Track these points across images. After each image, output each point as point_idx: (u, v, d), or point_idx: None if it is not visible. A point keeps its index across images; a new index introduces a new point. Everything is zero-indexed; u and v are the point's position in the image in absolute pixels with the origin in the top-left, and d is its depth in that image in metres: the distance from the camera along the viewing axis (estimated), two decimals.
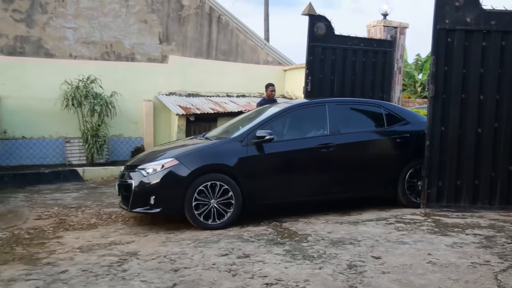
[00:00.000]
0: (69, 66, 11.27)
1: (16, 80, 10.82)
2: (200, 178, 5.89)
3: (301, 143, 6.53)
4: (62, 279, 4.27)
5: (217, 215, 5.92)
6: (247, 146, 6.16)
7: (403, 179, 6.88)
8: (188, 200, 5.82)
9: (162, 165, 5.95)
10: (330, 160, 6.54)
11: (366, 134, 6.87)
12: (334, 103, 6.99)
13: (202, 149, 6.31)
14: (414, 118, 7.22)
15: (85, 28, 11.73)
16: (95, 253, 5.06)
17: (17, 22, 11.12)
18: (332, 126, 6.64)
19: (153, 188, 5.88)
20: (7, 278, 4.30)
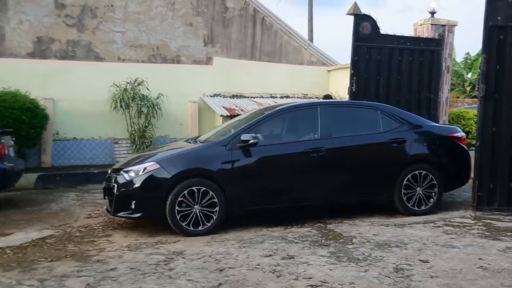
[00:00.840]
0: (117, 69, 11.57)
1: (68, 83, 11.21)
2: (183, 183, 5.73)
3: (289, 147, 6.29)
4: (111, 276, 4.40)
5: (201, 221, 5.76)
6: (232, 151, 5.96)
7: (400, 185, 6.53)
8: (170, 205, 5.68)
9: (144, 168, 5.82)
10: (320, 165, 6.26)
11: (360, 138, 6.54)
12: (327, 105, 6.77)
13: (185, 153, 6.12)
14: (413, 121, 6.87)
15: (133, 31, 12.03)
16: (143, 251, 5.17)
17: (69, 27, 11.53)
18: (323, 130, 6.38)
19: (134, 192, 5.77)
20: (60, 274, 4.47)
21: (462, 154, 6.96)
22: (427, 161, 6.70)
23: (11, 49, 11.09)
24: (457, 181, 7.03)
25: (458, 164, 6.94)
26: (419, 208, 6.61)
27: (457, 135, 6.99)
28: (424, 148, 6.75)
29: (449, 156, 6.86)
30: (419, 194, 6.61)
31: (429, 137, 6.82)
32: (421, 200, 6.62)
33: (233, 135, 6.09)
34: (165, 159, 5.94)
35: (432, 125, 7.04)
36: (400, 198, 6.55)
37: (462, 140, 6.99)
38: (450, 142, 6.91)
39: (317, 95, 13.36)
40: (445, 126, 7.40)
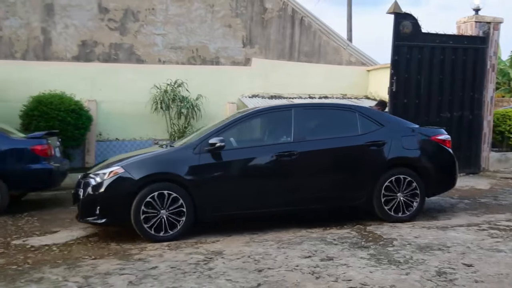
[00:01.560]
0: (158, 71, 11.78)
1: (110, 85, 11.50)
2: (148, 188, 5.58)
3: (260, 151, 6.07)
4: (152, 275, 4.48)
5: (168, 227, 5.61)
6: (200, 154, 5.79)
7: (379, 190, 6.17)
8: (135, 211, 5.54)
9: (109, 173, 5.69)
10: (292, 169, 5.99)
11: (335, 141, 6.23)
12: (302, 107, 6.52)
13: (151, 157, 5.97)
14: (393, 124, 6.52)
15: (173, 34, 12.22)
16: (183, 251, 5.25)
17: (112, 30, 11.82)
18: (297, 133, 6.11)
19: (98, 198, 5.65)
20: (103, 272, 4.59)
21: (447, 157, 6.57)
22: (408, 165, 6.33)
23: (57, 53, 11.47)
24: (442, 185, 6.66)
25: (442, 168, 6.56)
26: (400, 214, 6.22)
27: (441, 137, 6.57)
28: (405, 151, 6.34)
29: (432, 160, 6.47)
30: (400, 199, 6.22)
31: (410, 140, 6.41)
32: (402, 206, 6.22)
33: (201, 139, 5.92)
34: (130, 164, 5.79)
35: (414, 128, 6.60)
36: (379, 203, 6.18)
37: (447, 142, 6.57)
38: (433, 145, 6.53)
39: (356, 95, 13.22)
40: (428, 129, 6.86)
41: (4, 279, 4.44)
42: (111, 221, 5.76)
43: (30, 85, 10.60)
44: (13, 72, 10.80)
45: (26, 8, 11.27)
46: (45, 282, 4.35)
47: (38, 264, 4.88)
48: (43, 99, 10.13)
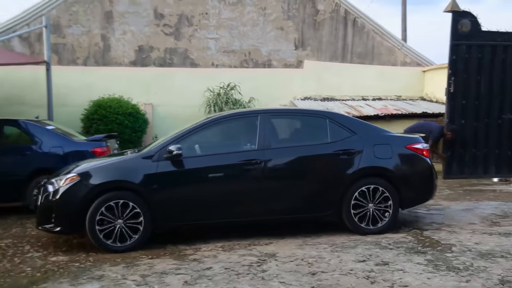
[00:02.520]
0: (211, 75, 11.98)
1: (165, 89, 11.80)
2: (103, 196, 5.37)
3: (221, 159, 5.76)
4: (207, 275, 4.55)
5: (126, 236, 5.41)
6: (158, 162, 5.55)
7: (348, 201, 5.82)
8: (90, 220, 5.32)
9: (65, 179, 5.49)
10: (256, 179, 5.73)
11: (302, 149, 5.93)
12: (269, 114, 6.11)
13: (109, 165, 5.74)
14: (366, 131, 6.13)
15: (226, 38, 12.38)
16: (236, 252, 5.30)
17: (167, 35, 12.13)
18: (261, 140, 5.81)
19: (53, 205, 5.44)
20: (160, 271, 4.70)
21: (423, 167, 6.18)
22: (380, 175, 5.97)
23: (115, 58, 11.89)
24: (418, 196, 6.23)
25: (418, 178, 6.15)
26: (372, 226, 5.86)
27: (416, 146, 6.16)
28: (377, 160, 5.95)
29: (407, 169, 6.08)
30: (371, 211, 5.86)
31: (383, 148, 6.00)
32: (374, 218, 5.87)
33: (160, 146, 5.69)
34: (87, 171, 5.59)
35: (388, 136, 6.21)
36: (349, 215, 5.84)
37: (424, 151, 6.17)
38: (408, 154, 6.11)
39: (411, 96, 12.92)
40: (404, 137, 6.47)
41: (68, 276, 4.64)
42: (66, 230, 5.58)
43: (91, 89, 11.04)
44: (75, 77, 11.29)
45: (87, 16, 11.76)
46: (106, 279, 4.51)
47: (99, 262, 5.06)
48: (102, 103, 10.53)
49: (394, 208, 5.91)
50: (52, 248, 5.59)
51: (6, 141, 8.07)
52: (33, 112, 9.52)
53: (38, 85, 10.34)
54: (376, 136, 6.13)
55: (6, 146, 7.93)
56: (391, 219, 5.91)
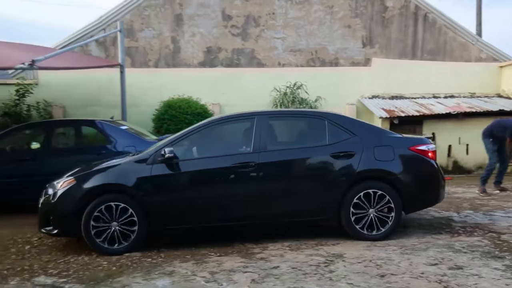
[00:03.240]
0: (277, 74, 12.02)
1: (233, 89, 11.97)
2: (98, 199, 5.44)
3: (216, 162, 5.68)
4: (274, 274, 4.58)
5: (121, 239, 5.44)
6: (152, 165, 5.56)
7: (347, 205, 5.61)
8: (85, 222, 5.39)
9: (62, 182, 5.62)
10: (250, 182, 5.62)
11: (298, 152, 5.78)
12: (267, 115, 5.99)
13: (104, 168, 5.79)
14: (366, 133, 5.88)
15: (292, 37, 12.39)
16: (303, 252, 5.29)
17: (234, 36, 12.31)
18: (257, 143, 5.70)
19: (51, 208, 5.57)
20: (228, 269, 4.79)
21: (427, 169, 5.88)
22: (381, 178, 5.73)
23: (185, 60, 12.23)
24: (423, 200, 5.94)
25: (422, 181, 5.86)
26: (372, 232, 5.63)
27: (421, 148, 5.87)
28: (377, 163, 5.72)
29: (410, 172, 5.80)
30: (372, 216, 5.63)
31: (384, 150, 5.76)
32: (374, 223, 5.63)
33: (155, 149, 5.71)
34: (83, 174, 5.69)
35: (390, 137, 5.96)
36: (348, 220, 5.63)
37: (429, 153, 5.87)
38: (411, 156, 5.84)
39: (486, 93, 12.33)
40: (408, 138, 6.15)
41: (141, 270, 4.84)
42: (63, 232, 5.66)
43: (161, 90, 11.42)
44: (146, 79, 11.71)
45: (158, 20, 12.17)
46: (176, 275, 4.66)
47: (170, 258, 5.24)
48: (172, 103, 10.85)
49: (396, 213, 5.65)
50: None
51: (84, 141, 8.52)
52: (108, 112, 9.99)
53: (112, 87, 10.83)
54: (377, 137, 5.89)
55: (84, 145, 8.37)
56: (393, 224, 5.66)
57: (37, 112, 11.02)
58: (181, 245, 5.68)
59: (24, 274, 4.85)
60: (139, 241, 5.50)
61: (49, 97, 11.30)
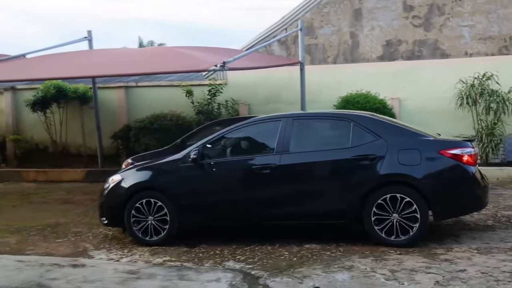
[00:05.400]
0: (463, 65, 11.17)
1: (413, 82, 11.48)
2: (137, 195, 5.96)
3: (241, 163, 5.97)
4: (460, 277, 4.32)
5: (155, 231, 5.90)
6: (184, 165, 5.95)
7: (369, 209, 5.47)
8: (127, 215, 5.93)
9: (111, 179, 6.28)
10: (272, 183, 5.79)
11: (320, 154, 5.80)
12: (292, 118, 6.05)
13: (146, 167, 6.33)
14: (392, 135, 5.69)
15: (482, 24, 11.40)
16: (494, 256, 4.90)
17: (416, 27, 11.80)
18: (280, 145, 5.84)
19: (104, 201, 6.26)
20: (409, 268, 4.67)
21: (459, 174, 5.57)
22: (405, 183, 5.51)
23: (363, 54, 12.13)
24: (454, 208, 5.67)
25: (453, 187, 5.57)
26: (394, 238, 5.41)
27: (453, 151, 5.52)
28: (401, 167, 5.53)
29: (437, 178, 5.55)
30: (396, 221, 5.41)
31: (409, 154, 5.55)
32: (398, 229, 5.40)
33: (189, 150, 6.06)
34: (127, 172, 6.36)
35: (418, 140, 5.70)
36: (369, 224, 5.51)
37: (463, 157, 5.50)
38: (441, 160, 5.55)
39: None
40: (440, 141, 5.77)
41: (320, 263, 4.98)
42: (111, 223, 6.29)
43: (339, 86, 11.48)
44: (325, 75, 11.89)
45: (338, 16, 12.26)
46: (355, 270, 4.69)
47: (348, 253, 5.29)
48: (350, 99, 10.85)
49: (422, 220, 5.40)
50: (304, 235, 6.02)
51: None
52: (289, 109, 10.39)
53: (293, 84, 11.23)
54: (404, 140, 5.69)
55: None
56: (418, 231, 5.40)
57: (226, 110, 11.98)
58: (359, 240, 5.67)
59: (216, 258, 5.36)
60: (172, 234, 5.92)
61: (236, 95, 12.20)
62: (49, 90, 12.27)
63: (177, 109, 11.53)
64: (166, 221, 5.91)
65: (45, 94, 12.34)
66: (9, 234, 6.76)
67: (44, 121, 12.66)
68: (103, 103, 12.33)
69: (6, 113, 13.47)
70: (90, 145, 12.75)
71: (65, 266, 5.06)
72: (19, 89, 13.50)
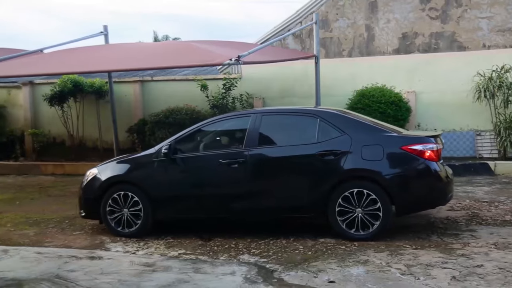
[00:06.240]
0: (481, 57, 11.03)
1: (430, 76, 11.37)
2: (112, 188, 6.17)
3: (210, 158, 6.10)
4: (478, 273, 4.28)
5: (131, 223, 6.11)
6: (157, 159, 6.11)
7: (333, 205, 5.61)
8: (103, 208, 6.18)
9: (89, 173, 6.51)
10: (239, 177, 5.92)
11: (287, 149, 5.94)
12: (261, 113, 6.19)
13: (120, 161, 6.52)
14: (357, 131, 5.79)
15: (501, 15, 11.23)
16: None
17: (432, 19, 11.66)
18: (249, 140, 5.97)
19: (81, 194, 6.49)
20: (425, 263, 4.63)
21: (421, 169, 5.63)
22: (367, 178, 5.61)
23: (379, 47, 12.03)
24: (416, 203, 5.75)
25: (414, 183, 5.67)
26: (359, 232, 5.54)
27: (414, 147, 5.60)
28: (364, 162, 5.64)
29: (400, 173, 5.64)
30: (358, 216, 5.54)
31: (371, 149, 5.64)
32: (362, 223, 5.53)
33: (161, 145, 6.22)
34: (103, 166, 6.52)
35: (381, 136, 5.77)
36: (334, 219, 5.65)
37: (424, 152, 5.56)
38: (403, 155, 5.63)
39: None
40: (402, 137, 5.85)
41: (335, 257, 4.98)
42: (88, 215, 6.47)
43: (354, 80, 11.41)
44: (340, 68, 11.83)
45: (353, 9, 12.16)
46: (370, 265, 4.68)
47: (363, 247, 5.27)
48: (365, 92, 10.78)
49: (384, 214, 5.51)
50: (321, 229, 6.01)
51: None
52: (303, 103, 10.39)
53: (307, 77, 11.20)
54: (367, 136, 5.77)
55: None
56: (380, 225, 5.52)
57: (240, 104, 11.98)
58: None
59: (231, 251, 5.39)
60: (145, 226, 6.10)
61: (251, 89, 12.19)
62: (66, 84, 12.40)
63: (192, 103, 11.56)
64: (140, 214, 6.11)
65: (62, 88, 12.47)
66: (28, 226, 6.87)
67: (61, 115, 12.82)
68: (119, 97, 12.41)
69: (25, 108, 13.66)
70: (106, 139, 12.88)
71: (82, 258, 5.12)
72: (37, 83, 13.66)
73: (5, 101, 13.91)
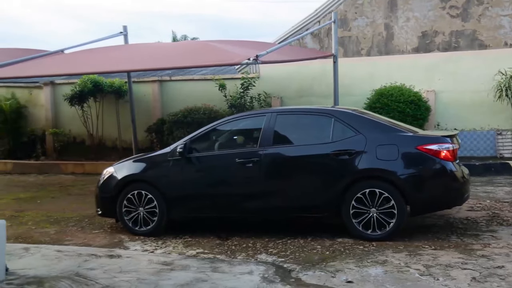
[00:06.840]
0: (503, 56, 10.88)
1: (450, 74, 11.24)
2: (128, 187, 6.21)
3: (225, 157, 6.10)
4: (498, 274, 4.22)
5: (146, 222, 6.15)
6: (172, 158, 6.12)
7: (347, 204, 5.57)
8: (119, 206, 6.22)
9: (105, 172, 6.57)
10: (253, 176, 5.90)
11: (301, 149, 5.92)
12: (276, 113, 6.18)
13: (135, 160, 6.55)
14: (372, 131, 5.73)
15: None
16: None
17: (453, 18, 11.51)
18: (263, 139, 5.96)
19: (98, 192, 6.55)
20: (444, 263, 4.58)
21: (436, 170, 5.56)
22: (382, 178, 5.57)
23: (398, 46, 11.92)
24: (431, 203, 5.66)
25: (429, 183, 5.59)
26: (374, 232, 5.49)
27: (430, 147, 5.53)
28: (378, 162, 5.58)
29: (415, 173, 5.58)
30: (373, 215, 5.50)
31: (386, 149, 5.58)
32: (377, 223, 5.48)
33: (176, 144, 6.23)
34: (119, 165, 6.57)
35: (396, 135, 5.71)
36: (348, 218, 5.60)
37: (440, 152, 5.49)
38: (418, 155, 5.57)
39: None
40: (417, 136, 5.79)
41: (353, 257, 4.95)
42: (104, 214, 6.53)
43: (373, 79, 11.34)
44: (358, 68, 11.76)
45: (372, 8, 12.08)
46: (389, 265, 4.64)
47: (381, 247, 5.23)
48: (384, 91, 10.70)
49: (399, 214, 5.46)
50: (338, 229, 5.98)
51: None
52: (321, 102, 10.34)
53: (325, 77, 11.15)
54: (382, 136, 5.71)
55: None
56: (395, 226, 5.47)
57: (258, 103, 11.99)
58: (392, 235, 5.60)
59: (249, 251, 5.40)
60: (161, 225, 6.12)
61: (269, 89, 12.19)
62: (86, 84, 12.55)
63: (210, 103, 11.61)
64: (155, 212, 6.13)
65: (82, 88, 12.63)
66: (48, 224, 6.97)
67: (81, 115, 12.98)
68: (137, 97, 12.52)
69: (46, 107, 13.87)
70: (125, 138, 13.01)
71: (101, 256, 5.18)
72: (57, 83, 13.86)
73: (27, 101, 14.15)
